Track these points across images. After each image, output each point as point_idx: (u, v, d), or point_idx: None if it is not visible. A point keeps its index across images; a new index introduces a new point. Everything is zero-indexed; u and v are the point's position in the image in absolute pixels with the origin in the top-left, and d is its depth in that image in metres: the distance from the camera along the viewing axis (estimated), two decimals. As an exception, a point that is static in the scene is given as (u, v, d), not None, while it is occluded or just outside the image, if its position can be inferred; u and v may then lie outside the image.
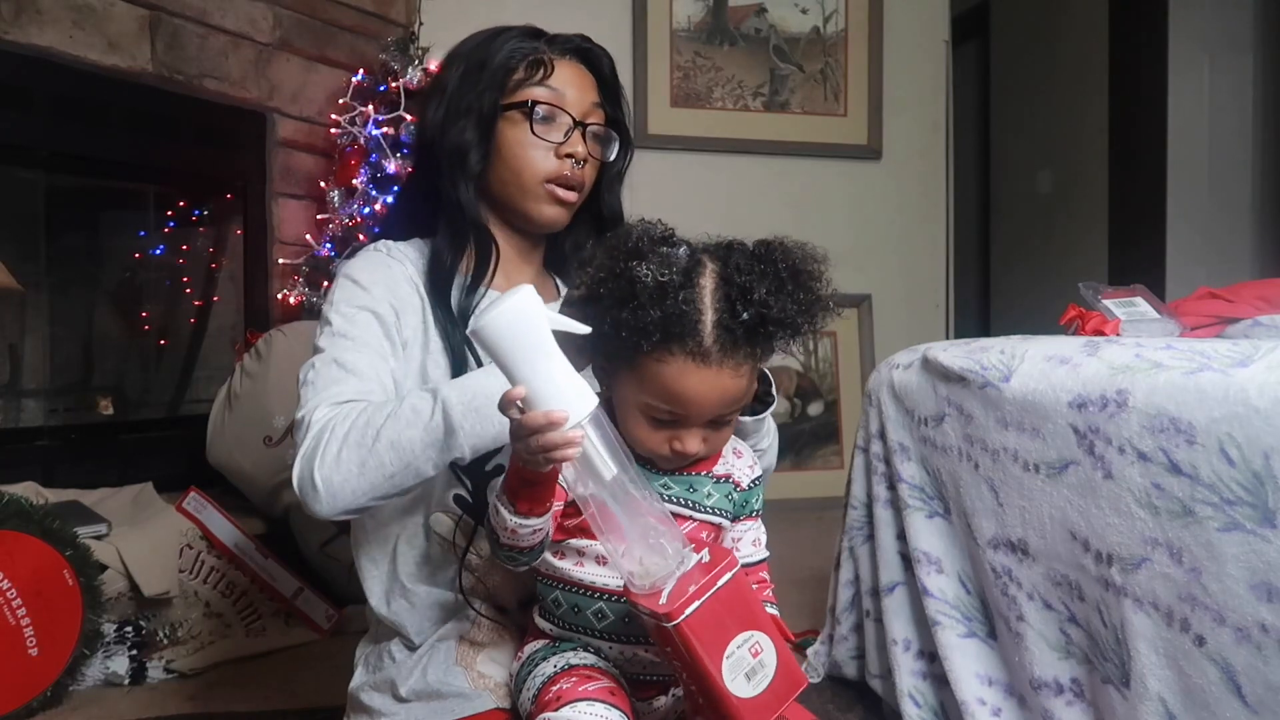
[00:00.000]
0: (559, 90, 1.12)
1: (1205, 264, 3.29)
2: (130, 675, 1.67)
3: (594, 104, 1.15)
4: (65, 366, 2.39)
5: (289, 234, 2.51)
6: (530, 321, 0.77)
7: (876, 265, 3.22)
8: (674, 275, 0.84)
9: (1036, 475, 1.18)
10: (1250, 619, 0.92)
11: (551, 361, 0.78)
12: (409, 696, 1.06)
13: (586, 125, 1.13)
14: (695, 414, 0.87)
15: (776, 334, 0.87)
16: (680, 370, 0.85)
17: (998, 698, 1.28)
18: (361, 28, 2.68)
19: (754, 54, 3.19)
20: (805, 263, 0.89)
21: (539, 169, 1.12)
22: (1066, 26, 3.98)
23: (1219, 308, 1.46)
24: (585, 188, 1.16)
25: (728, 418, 0.90)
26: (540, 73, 1.12)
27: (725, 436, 0.93)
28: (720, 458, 0.97)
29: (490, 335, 0.78)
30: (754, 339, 0.86)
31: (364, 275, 1.10)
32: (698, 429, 0.89)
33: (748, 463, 0.99)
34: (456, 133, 1.12)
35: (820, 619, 1.73)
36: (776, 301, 0.85)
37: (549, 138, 1.12)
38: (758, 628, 0.79)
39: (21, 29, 1.94)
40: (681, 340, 0.84)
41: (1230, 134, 3.47)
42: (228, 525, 1.88)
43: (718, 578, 0.78)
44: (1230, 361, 0.99)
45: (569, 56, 1.15)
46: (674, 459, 0.90)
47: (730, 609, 0.78)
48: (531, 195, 1.13)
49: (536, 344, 0.78)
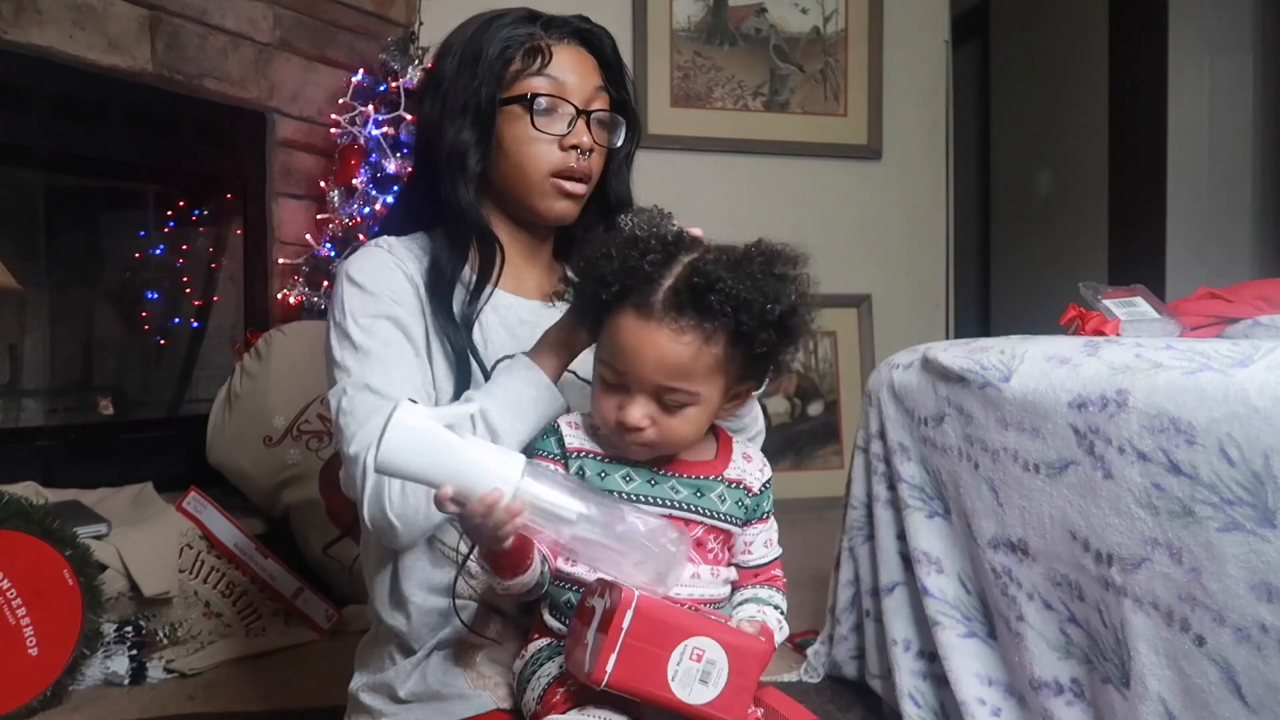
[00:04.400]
0: (559, 79, 1.07)
1: (1205, 264, 3.28)
2: (130, 675, 1.67)
3: (597, 88, 1.10)
4: (65, 366, 2.39)
5: (289, 234, 2.51)
6: (421, 435, 0.79)
7: (876, 265, 3.22)
8: (654, 240, 0.87)
9: (1036, 475, 1.18)
10: (1250, 619, 0.92)
11: (459, 452, 0.80)
12: (409, 697, 1.05)
13: (591, 113, 1.09)
14: (633, 373, 0.86)
15: (726, 308, 0.84)
16: (623, 322, 0.86)
17: (998, 698, 1.28)
18: (361, 28, 2.68)
19: (754, 54, 3.19)
20: (778, 258, 0.89)
21: (543, 164, 1.08)
22: (1066, 26, 3.98)
23: (1219, 308, 1.46)
24: (593, 177, 1.12)
25: (675, 397, 0.86)
26: (538, 61, 1.07)
27: (682, 427, 0.88)
28: (731, 460, 0.95)
29: (391, 465, 0.80)
30: (701, 307, 0.84)
31: (370, 278, 1.07)
32: (641, 398, 0.86)
33: (758, 465, 0.97)
34: (454, 133, 1.08)
35: (820, 619, 1.73)
36: (734, 279, 0.84)
37: (551, 130, 1.07)
38: (687, 635, 0.79)
39: (21, 29, 1.94)
40: (633, 294, 0.85)
41: (1230, 134, 3.46)
42: (228, 525, 1.88)
43: (620, 623, 0.77)
44: (1230, 361, 0.99)
45: (568, 40, 1.10)
46: (621, 434, 0.88)
47: (649, 638, 0.78)
48: (537, 191, 1.09)
49: (436, 446, 0.80)
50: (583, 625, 0.82)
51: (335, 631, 1.93)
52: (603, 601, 0.80)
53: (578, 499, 0.82)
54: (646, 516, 0.84)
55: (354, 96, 2.49)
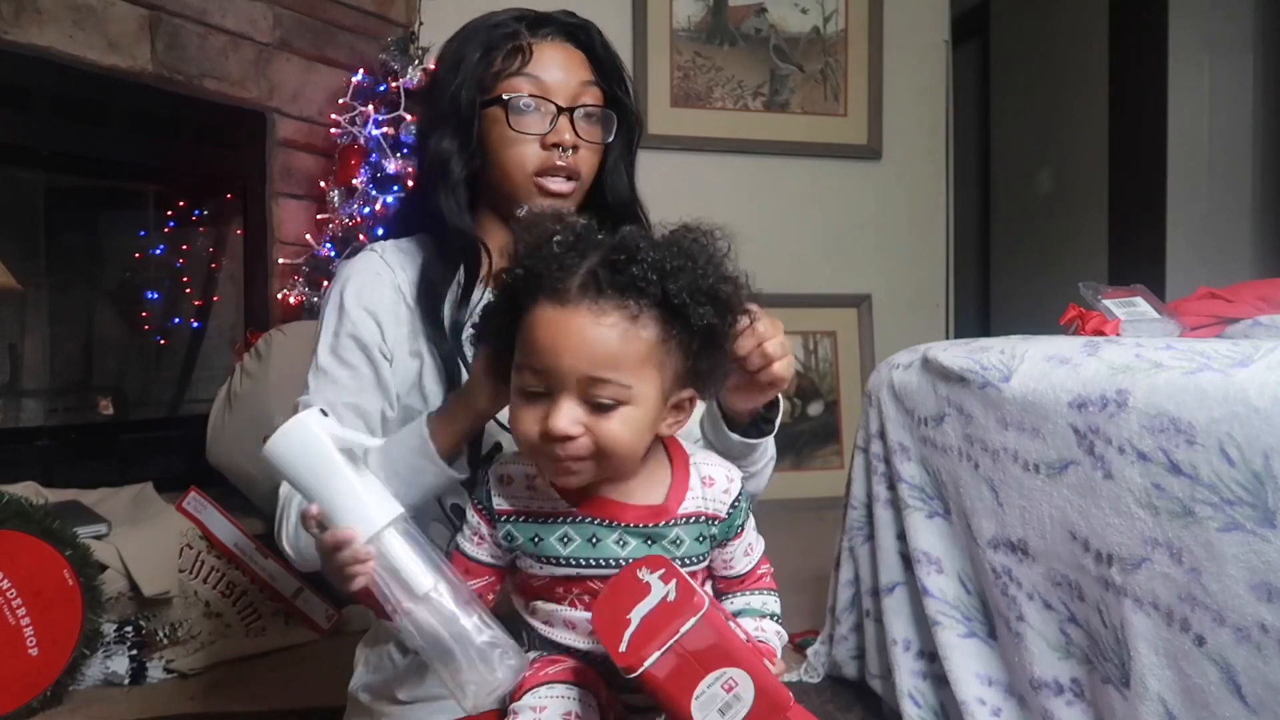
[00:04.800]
0: (540, 77, 1.05)
1: (1205, 264, 3.28)
2: (130, 675, 1.67)
3: (585, 83, 1.08)
4: (65, 366, 2.39)
5: (289, 234, 2.51)
6: (313, 441, 0.77)
7: (876, 265, 3.22)
8: (559, 225, 0.79)
9: (1036, 475, 1.18)
10: (1250, 619, 0.92)
11: (340, 475, 0.77)
12: (408, 698, 1.05)
13: (575, 109, 1.07)
14: (554, 369, 0.75)
15: (651, 276, 0.75)
16: (540, 316, 0.77)
17: (998, 698, 1.28)
18: (361, 28, 2.68)
19: (754, 54, 3.19)
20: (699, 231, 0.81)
21: (525, 164, 1.06)
22: (1066, 26, 3.98)
23: (1219, 308, 1.46)
24: (583, 174, 1.09)
25: (605, 391, 0.76)
26: (518, 60, 1.06)
27: (620, 431, 0.77)
28: (687, 490, 0.84)
29: (275, 457, 0.77)
30: (622, 282, 0.75)
31: (351, 292, 1.07)
32: (566, 401, 0.75)
33: (721, 488, 0.86)
34: (436, 140, 1.07)
35: (820, 619, 1.73)
36: (656, 249, 0.77)
37: (531, 130, 1.05)
38: (732, 664, 0.75)
39: (21, 29, 1.94)
40: (546, 284, 0.77)
41: (1230, 134, 3.46)
42: (228, 525, 1.88)
43: (679, 625, 0.73)
44: (1230, 361, 0.99)
45: (552, 37, 1.08)
46: (550, 450, 0.77)
47: (697, 653, 0.74)
48: (523, 192, 1.07)
49: (323, 461, 0.77)
50: (628, 599, 0.74)
51: (335, 631, 1.93)
52: (663, 588, 0.74)
53: (435, 579, 0.77)
54: (498, 632, 0.78)
55: (354, 96, 2.49)
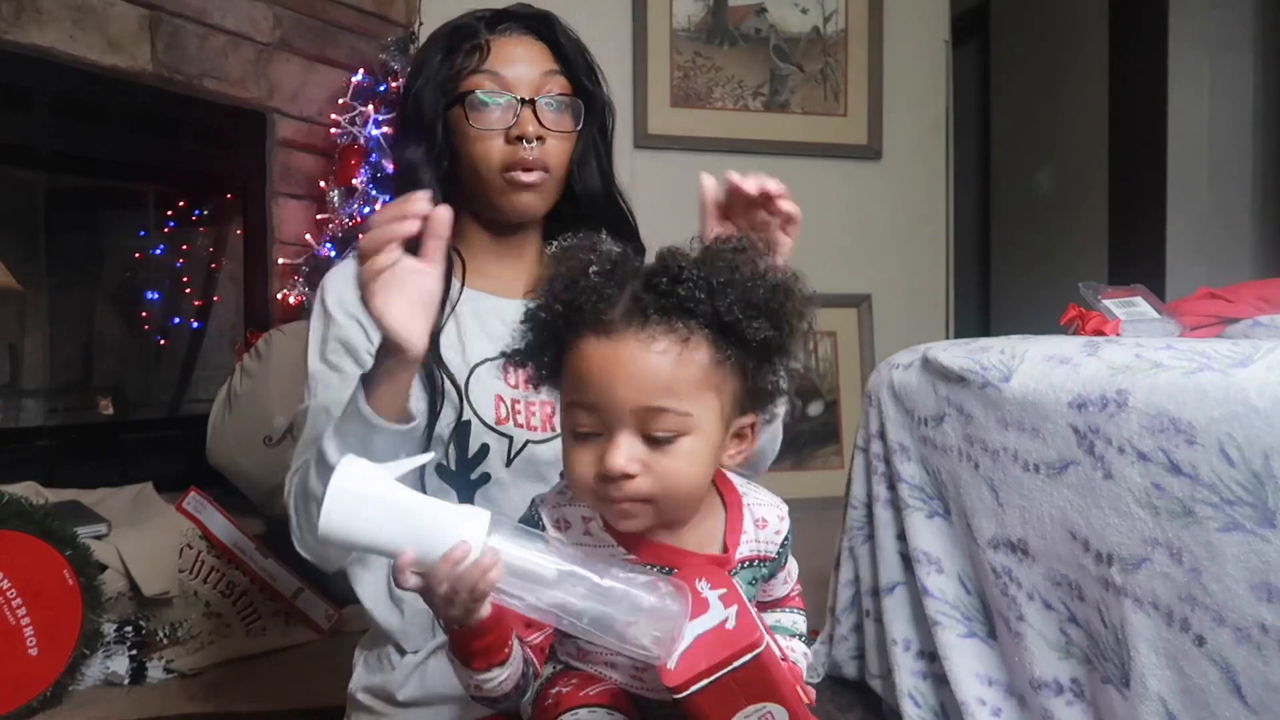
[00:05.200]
0: (499, 72, 1.06)
1: (1205, 264, 3.28)
2: (130, 675, 1.67)
3: (548, 73, 1.08)
4: (65, 366, 2.39)
5: (289, 234, 2.51)
6: (362, 495, 0.69)
7: (876, 265, 3.22)
8: (593, 255, 0.74)
9: (1036, 475, 1.18)
10: (1250, 619, 0.92)
11: (413, 511, 0.69)
12: (408, 700, 1.05)
13: (537, 100, 1.06)
14: (607, 404, 0.70)
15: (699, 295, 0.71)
16: (584, 350, 0.72)
17: (998, 698, 1.28)
18: (361, 28, 2.68)
19: (754, 54, 3.18)
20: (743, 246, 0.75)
21: (492, 160, 1.06)
22: (1066, 26, 3.98)
23: (1219, 308, 1.46)
24: (552, 165, 1.08)
25: (662, 421, 0.71)
26: (476, 58, 1.06)
27: (680, 467, 0.72)
28: (741, 534, 0.80)
29: (337, 532, 0.69)
30: (670, 304, 0.71)
31: (334, 297, 1.08)
32: (623, 437, 0.71)
33: (773, 529, 0.83)
34: (401, 151, 1.08)
35: (820, 619, 1.73)
36: (700, 267, 0.72)
37: (494, 125, 1.05)
38: (775, 700, 0.71)
39: (21, 29, 1.94)
40: (589, 317, 0.72)
41: (1230, 134, 3.46)
42: (228, 525, 1.88)
43: (734, 658, 0.69)
44: (1230, 361, 0.99)
45: (510, 32, 1.08)
46: (606, 490, 0.72)
47: (743, 685, 0.70)
48: (494, 188, 1.08)
49: (385, 507, 0.69)
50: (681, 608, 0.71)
51: (335, 631, 1.93)
52: (723, 611, 0.70)
53: (555, 555, 0.71)
54: (634, 571, 0.72)
55: (354, 96, 2.49)
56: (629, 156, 2.56)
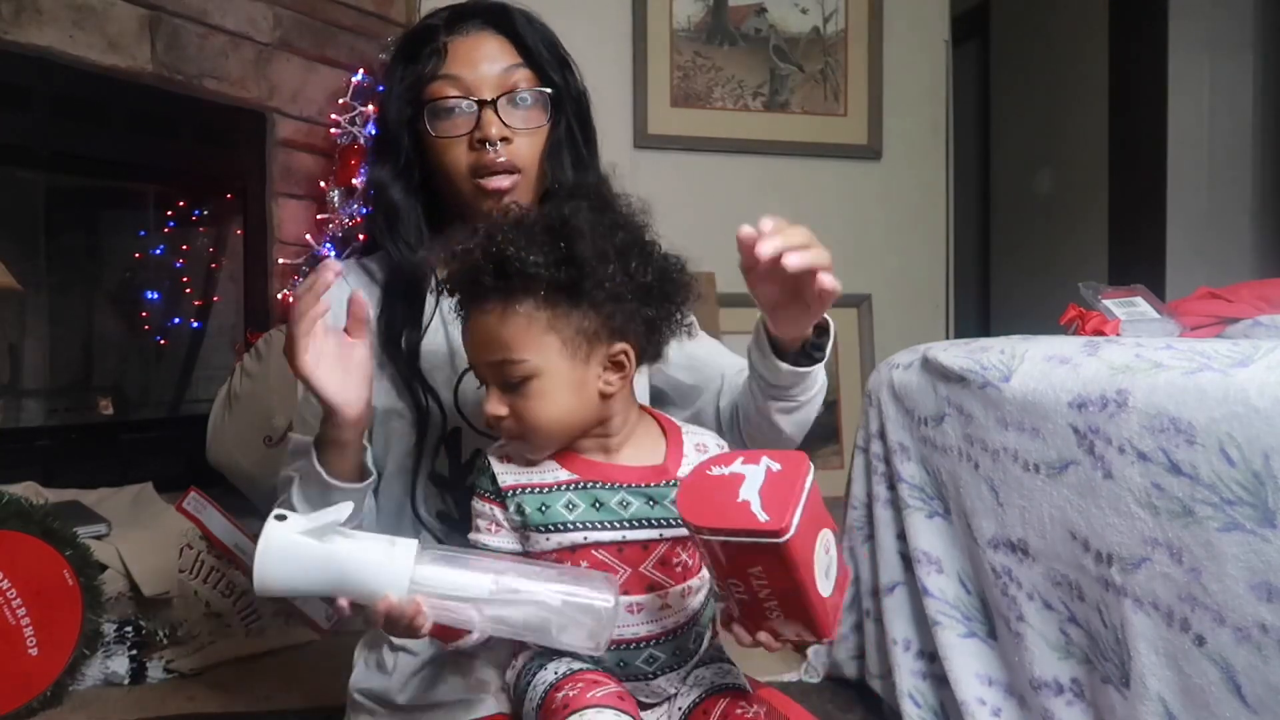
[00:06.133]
0: (458, 75, 1.01)
1: (1205, 264, 3.28)
2: (130, 675, 1.67)
3: (510, 68, 1.03)
4: (65, 366, 2.39)
5: (289, 234, 2.51)
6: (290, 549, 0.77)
7: (876, 265, 3.22)
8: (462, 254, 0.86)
9: (1036, 475, 1.18)
10: (1250, 619, 0.92)
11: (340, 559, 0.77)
12: (408, 703, 1.05)
13: (498, 99, 1.01)
14: (475, 366, 0.87)
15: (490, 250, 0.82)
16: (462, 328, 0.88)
17: (998, 698, 1.28)
18: (361, 28, 2.68)
19: (754, 54, 3.18)
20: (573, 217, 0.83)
21: (460, 167, 1.02)
22: (1066, 26, 3.98)
23: (1219, 308, 1.46)
24: (524, 164, 1.03)
25: (512, 372, 0.82)
26: (434, 63, 1.02)
27: (531, 405, 0.83)
28: (682, 456, 0.89)
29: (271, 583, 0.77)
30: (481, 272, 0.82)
31: None
32: (493, 390, 0.85)
33: (713, 453, 0.90)
34: (371, 169, 1.06)
35: (820, 619, 1.72)
36: (496, 231, 0.83)
37: (456, 131, 1.01)
38: (826, 525, 0.76)
39: (21, 29, 1.94)
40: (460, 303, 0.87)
41: (1230, 134, 3.46)
42: (228, 525, 1.88)
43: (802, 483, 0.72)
44: (1230, 361, 0.99)
45: (468, 30, 1.03)
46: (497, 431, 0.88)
47: (812, 511, 0.73)
48: (468, 195, 1.04)
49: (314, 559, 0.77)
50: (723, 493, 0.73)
51: (335, 631, 1.92)
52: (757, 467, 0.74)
53: (484, 573, 0.78)
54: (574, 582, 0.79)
55: (354, 96, 2.49)
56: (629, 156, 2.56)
